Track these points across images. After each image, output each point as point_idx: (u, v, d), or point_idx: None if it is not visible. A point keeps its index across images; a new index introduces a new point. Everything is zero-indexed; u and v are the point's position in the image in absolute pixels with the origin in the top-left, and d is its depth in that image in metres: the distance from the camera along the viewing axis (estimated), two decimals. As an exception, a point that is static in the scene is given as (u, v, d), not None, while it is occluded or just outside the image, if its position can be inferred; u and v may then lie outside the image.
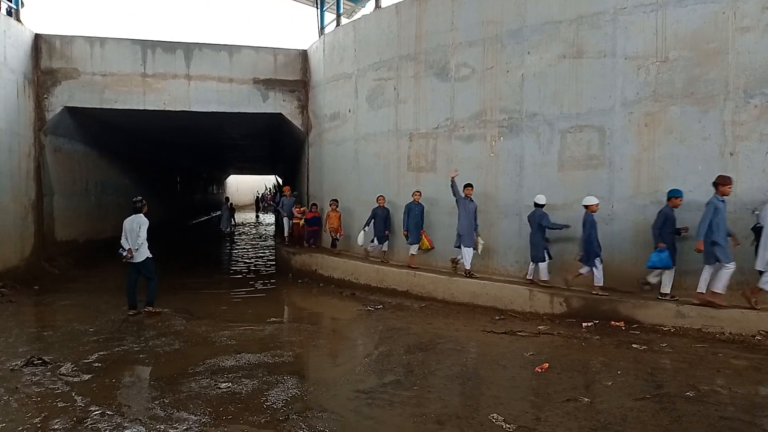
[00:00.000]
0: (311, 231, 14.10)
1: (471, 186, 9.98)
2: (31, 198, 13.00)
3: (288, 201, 15.36)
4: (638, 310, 8.14)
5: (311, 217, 14.10)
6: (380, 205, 11.74)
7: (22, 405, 5.24)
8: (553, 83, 9.41)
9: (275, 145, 23.56)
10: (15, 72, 12.31)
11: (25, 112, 12.80)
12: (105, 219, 17.50)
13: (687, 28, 8.17)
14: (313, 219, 14.07)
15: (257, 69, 14.79)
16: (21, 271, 12.20)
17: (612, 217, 8.87)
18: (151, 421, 4.87)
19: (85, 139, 15.98)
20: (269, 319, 9.12)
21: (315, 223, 14.06)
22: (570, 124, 9.24)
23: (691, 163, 8.19)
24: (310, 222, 14.12)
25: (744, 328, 7.36)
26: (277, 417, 4.99)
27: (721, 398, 5.37)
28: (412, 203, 10.97)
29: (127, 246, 9.06)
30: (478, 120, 10.38)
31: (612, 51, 8.78)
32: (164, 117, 15.30)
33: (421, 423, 4.88)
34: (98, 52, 13.76)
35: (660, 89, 8.40)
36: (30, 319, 9.47)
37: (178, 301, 10.35)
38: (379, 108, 12.26)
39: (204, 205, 38.77)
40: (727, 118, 7.93)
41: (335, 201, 13.14)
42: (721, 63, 7.97)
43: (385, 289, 11.08)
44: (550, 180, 9.48)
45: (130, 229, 9.09)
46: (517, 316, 8.94)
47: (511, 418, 4.90)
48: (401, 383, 5.90)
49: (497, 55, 10.05)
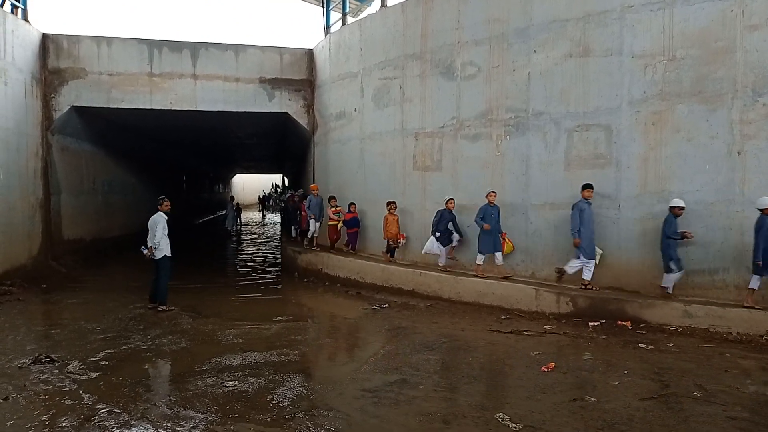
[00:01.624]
0: (351, 234, 12.73)
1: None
2: (38, 197, 13.07)
3: (315, 200, 13.69)
4: (645, 310, 8.11)
5: (351, 218, 12.68)
6: (448, 209, 10.49)
7: (30, 402, 5.28)
8: (559, 82, 9.37)
9: (281, 145, 23.61)
10: (23, 72, 12.38)
11: (33, 112, 12.87)
12: (112, 218, 17.58)
13: (694, 26, 8.13)
14: (353, 220, 12.66)
15: (263, 68, 14.81)
16: (29, 270, 12.26)
17: (619, 216, 8.83)
18: (158, 419, 4.89)
19: (92, 139, 16.05)
20: (275, 318, 9.13)
21: (354, 225, 12.70)
22: (576, 123, 9.21)
23: (699, 162, 8.15)
24: (350, 224, 12.71)
25: (751, 328, 7.32)
26: (284, 415, 5.01)
27: (729, 398, 5.34)
28: (487, 205, 9.82)
29: (150, 244, 9.12)
30: (484, 119, 10.36)
31: (619, 49, 8.74)
32: (171, 116, 15.34)
33: (427, 422, 4.88)
34: (105, 51, 13.81)
35: (667, 88, 8.36)
36: (38, 317, 9.53)
37: (185, 300, 10.37)
38: (385, 107, 12.25)
39: (210, 204, 38.88)
40: (735, 116, 7.89)
41: (393, 203, 11.53)
42: (729, 61, 7.92)
43: (391, 288, 11.07)
44: (556, 179, 9.45)
45: (150, 227, 9.17)
46: (524, 315, 8.92)
47: (517, 417, 4.89)
48: (407, 382, 5.90)
49: (503, 54, 10.02)
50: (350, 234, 12.71)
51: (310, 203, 13.62)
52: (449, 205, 10.45)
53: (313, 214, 13.60)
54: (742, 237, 7.84)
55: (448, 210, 10.45)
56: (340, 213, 12.79)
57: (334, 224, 12.92)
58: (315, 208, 13.61)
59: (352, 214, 12.62)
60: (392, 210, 11.51)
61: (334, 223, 12.91)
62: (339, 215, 12.78)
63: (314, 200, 13.64)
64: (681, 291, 8.25)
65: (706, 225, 8.12)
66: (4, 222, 11.49)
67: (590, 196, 8.77)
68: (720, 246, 8.04)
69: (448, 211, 10.45)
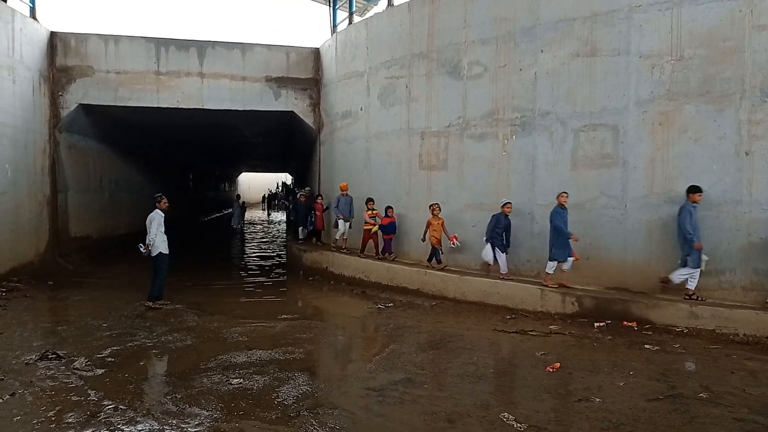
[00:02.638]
0: (387, 240, 11.92)
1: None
2: (46, 194, 13.14)
3: (345, 200, 12.88)
4: (651, 311, 8.08)
5: (388, 223, 11.80)
6: (504, 213, 9.64)
7: (36, 398, 5.31)
8: (566, 81, 9.35)
9: (287, 143, 23.65)
10: (31, 69, 12.44)
11: (41, 110, 12.94)
12: (119, 215, 17.66)
13: (702, 26, 8.09)
14: (390, 225, 11.80)
15: (270, 67, 14.84)
16: (36, 267, 12.33)
17: (625, 217, 8.80)
18: (163, 416, 4.91)
19: (99, 136, 16.12)
20: (280, 316, 9.15)
21: (391, 231, 11.83)
22: (583, 123, 9.18)
23: (706, 162, 8.11)
24: (386, 229, 11.85)
25: (758, 330, 7.28)
26: (288, 413, 5.02)
27: (735, 400, 5.32)
28: (559, 207, 8.92)
29: (147, 241, 9.18)
30: (491, 118, 10.34)
31: (626, 49, 8.71)
32: (177, 115, 15.40)
33: (432, 421, 4.87)
34: (112, 49, 13.87)
35: (674, 88, 8.32)
36: (44, 313, 9.58)
37: (190, 297, 10.42)
38: (391, 106, 12.25)
39: (216, 203, 38.98)
40: (743, 116, 7.84)
41: (436, 205, 10.75)
42: (737, 61, 7.88)
43: (396, 287, 11.08)
44: (562, 179, 9.42)
45: (147, 225, 9.22)
46: (529, 315, 8.90)
47: (522, 417, 4.88)
48: (412, 381, 5.90)
49: (510, 53, 10.00)
50: (386, 240, 11.92)
51: (338, 203, 12.85)
52: (506, 209, 9.60)
53: (342, 215, 12.79)
54: (749, 238, 7.81)
55: (504, 214, 9.60)
56: (376, 217, 12.02)
57: (369, 228, 12.07)
58: (345, 208, 12.84)
59: (390, 218, 11.79)
60: (436, 212, 10.73)
61: (370, 227, 12.05)
62: (375, 219, 12.02)
63: (343, 200, 12.89)
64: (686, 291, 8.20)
65: (712, 226, 8.07)
66: (12, 219, 11.55)
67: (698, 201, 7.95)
68: (727, 247, 7.99)
69: (505, 215, 9.60)
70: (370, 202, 12.09)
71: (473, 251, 10.45)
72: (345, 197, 12.92)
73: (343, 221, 12.79)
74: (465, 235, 10.67)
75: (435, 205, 10.74)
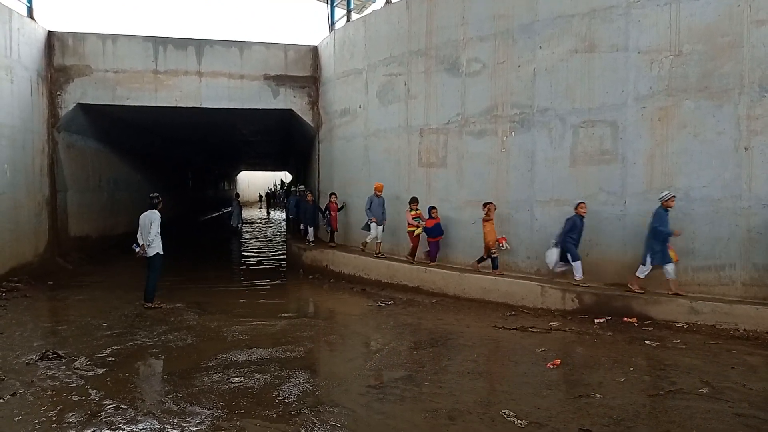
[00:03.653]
0: (432, 243, 10.99)
1: None
2: (44, 194, 13.12)
3: (377, 200, 11.94)
4: (651, 307, 8.09)
5: (433, 225, 10.87)
6: (579, 215, 8.84)
7: (37, 398, 5.31)
8: (565, 78, 9.34)
9: (286, 142, 23.61)
10: (28, 69, 12.42)
11: (39, 109, 12.91)
12: (118, 215, 17.64)
13: (701, 21, 8.08)
14: (436, 228, 10.84)
15: (268, 65, 14.82)
16: (35, 267, 12.32)
17: (624, 213, 8.80)
18: (164, 415, 4.91)
19: (97, 136, 16.10)
20: (280, 315, 9.15)
21: (437, 233, 10.89)
22: (582, 119, 9.18)
23: (705, 158, 8.11)
24: (432, 231, 10.92)
25: (758, 325, 7.30)
26: (289, 411, 5.02)
27: (736, 395, 5.32)
28: (662, 209, 8.07)
29: (141, 242, 9.15)
30: (489, 115, 10.33)
31: (625, 45, 8.70)
32: (176, 113, 15.38)
33: (433, 418, 4.88)
34: (110, 49, 13.84)
35: (673, 83, 8.32)
36: (44, 313, 9.58)
37: (191, 296, 10.43)
38: (390, 104, 12.24)
39: (215, 202, 38.95)
40: (742, 112, 7.85)
41: (493, 205, 9.85)
42: (735, 56, 7.87)
43: (396, 285, 11.08)
44: (561, 175, 9.42)
45: (143, 225, 9.19)
46: (529, 312, 8.91)
47: (522, 413, 4.89)
48: (412, 379, 5.90)
49: (509, 50, 9.99)
50: (431, 243, 10.98)
51: (371, 204, 11.87)
52: (581, 210, 8.79)
53: (375, 217, 11.85)
54: (749, 233, 7.82)
55: (580, 216, 8.80)
56: (419, 218, 11.11)
57: (413, 230, 11.18)
58: (377, 210, 11.87)
59: (434, 220, 10.85)
60: (491, 213, 9.84)
61: (414, 228, 11.14)
62: (419, 220, 11.10)
63: (376, 200, 11.91)
64: (687, 287, 8.22)
65: (712, 221, 8.08)
66: (11, 219, 11.54)
67: None
68: (726, 242, 8.00)
69: (581, 217, 8.81)
70: (414, 203, 11.20)
71: (472, 248, 10.45)
72: (378, 198, 11.98)
73: (375, 224, 11.89)
74: (464, 231, 10.69)
75: (491, 204, 9.85)
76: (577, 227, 8.78)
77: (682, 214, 8.25)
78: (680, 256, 8.23)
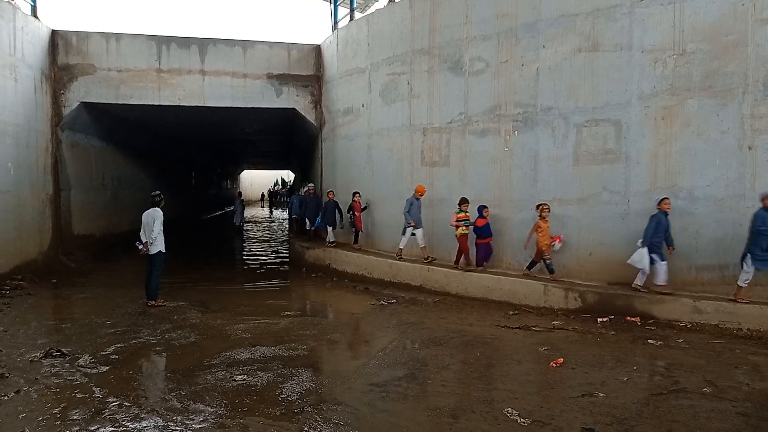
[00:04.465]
0: (481, 245, 10.14)
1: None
2: (48, 192, 13.16)
3: (417, 203, 11.09)
4: (654, 306, 8.08)
5: (483, 225, 10.08)
6: (663, 211, 8.16)
7: (41, 396, 5.33)
8: (568, 77, 9.33)
9: (289, 141, 23.65)
10: (32, 68, 12.45)
11: (43, 108, 12.95)
12: (121, 213, 17.68)
13: (705, 20, 8.06)
14: (485, 228, 10.06)
15: (271, 64, 14.83)
16: (39, 265, 12.36)
17: (628, 212, 8.79)
18: (167, 413, 4.92)
19: (101, 134, 16.13)
20: (283, 313, 9.17)
21: (487, 234, 10.09)
22: (586, 118, 9.16)
23: (709, 157, 8.09)
24: (482, 232, 10.09)
25: (762, 324, 7.28)
26: (292, 409, 5.03)
27: (739, 394, 5.32)
28: (764, 210, 7.46)
29: (144, 239, 9.18)
30: (493, 114, 10.32)
31: (628, 44, 8.69)
32: (179, 112, 15.40)
33: (435, 416, 4.88)
34: (114, 47, 13.87)
35: (677, 82, 8.30)
36: (48, 311, 9.60)
37: (194, 295, 10.45)
38: (393, 103, 12.23)
39: (218, 200, 38.98)
40: (746, 111, 7.82)
41: (547, 206, 9.27)
42: (739, 55, 7.85)
43: (399, 283, 11.08)
44: (565, 175, 9.41)
45: (146, 223, 9.21)
46: (532, 311, 8.91)
47: (525, 412, 4.89)
48: (415, 377, 5.91)
49: (512, 49, 9.98)
50: (480, 245, 10.14)
51: (410, 207, 10.99)
52: (665, 206, 8.15)
53: (414, 221, 11.05)
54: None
55: (664, 213, 8.16)
56: (468, 220, 10.19)
57: (466, 234, 10.25)
58: (416, 214, 11.11)
59: (484, 219, 10.06)
60: (545, 214, 9.23)
61: (466, 232, 10.24)
62: (467, 222, 10.18)
63: (416, 203, 11.08)
64: (690, 286, 8.21)
65: (716, 220, 8.07)
66: (15, 218, 11.57)
67: None
68: (730, 242, 7.97)
69: (665, 213, 8.16)
70: (464, 203, 10.20)
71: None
72: (417, 201, 11.12)
73: (413, 228, 11.08)
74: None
75: (544, 205, 9.28)
76: (663, 225, 8.12)
77: (686, 213, 8.24)
78: (684, 255, 8.22)
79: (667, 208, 8.13)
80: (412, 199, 11.08)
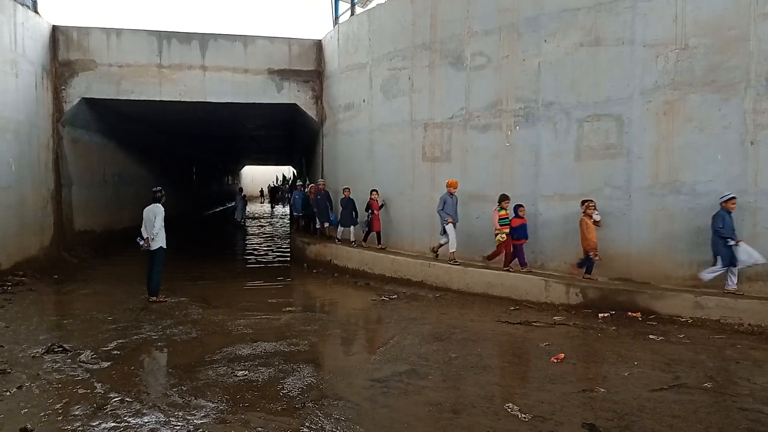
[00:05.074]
0: (518, 246, 9.72)
1: None
2: (50, 188, 13.17)
3: (451, 200, 10.41)
4: (655, 301, 8.07)
5: (518, 225, 9.63)
6: (728, 209, 7.70)
7: (43, 391, 5.33)
8: (570, 72, 9.30)
9: (290, 136, 23.63)
10: (33, 64, 12.43)
11: (44, 104, 12.94)
12: (122, 209, 17.70)
13: (707, 14, 8.02)
14: (521, 229, 9.63)
15: (272, 59, 14.81)
16: (40, 261, 12.37)
17: (630, 207, 8.77)
18: (169, 408, 4.93)
19: (102, 130, 16.14)
20: (285, 309, 9.18)
21: (523, 235, 9.66)
22: (587, 113, 9.14)
23: (711, 152, 8.07)
24: (518, 233, 9.64)
25: (763, 320, 7.27)
26: (294, 405, 5.03)
27: (740, 389, 5.32)
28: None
29: (145, 235, 9.18)
30: (494, 109, 10.30)
31: (630, 39, 8.65)
32: (180, 108, 15.40)
33: (437, 412, 4.88)
34: (115, 43, 13.85)
35: (679, 77, 8.27)
36: (50, 307, 9.62)
37: (195, 290, 10.47)
38: (394, 98, 12.21)
39: (219, 196, 39.01)
40: (748, 106, 7.80)
41: (592, 203, 8.75)
42: (742, 50, 7.82)
43: (400, 279, 11.08)
44: (566, 170, 9.39)
45: (147, 219, 9.22)
46: (533, 306, 8.91)
47: (526, 407, 4.89)
48: (416, 372, 5.91)
49: (513, 44, 9.95)
50: (518, 247, 9.71)
51: (444, 205, 10.32)
52: (731, 205, 7.68)
53: (450, 216, 10.31)
54: (755, 228, 7.78)
55: (728, 211, 7.71)
56: (507, 219, 9.64)
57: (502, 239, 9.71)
58: (451, 209, 10.39)
59: (521, 219, 9.61)
60: (591, 211, 8.73)
61: (501, 238, 9.69)
62: (506, 221, 9.62)
63: (450, 200, 10.39)
64: (691, 281, 8.20)
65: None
66: (17, 213, 11.58)
67: None
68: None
69: (728, 212, 7.71)
70: (505, 200, 9.66)
71: (478, 243, 10.44)
72: (452, 197, 10.43)
73: (452, 226, 10.36)
74: (468, 227, 10.67)
75: (590, 201, 8.76)
76: (728, 225, 7.68)
77: (688, 208, 8.23)
78: (686, 251, 8.21)
79: (732, 207, 7.71)
80: (446, 196, 10.37)
